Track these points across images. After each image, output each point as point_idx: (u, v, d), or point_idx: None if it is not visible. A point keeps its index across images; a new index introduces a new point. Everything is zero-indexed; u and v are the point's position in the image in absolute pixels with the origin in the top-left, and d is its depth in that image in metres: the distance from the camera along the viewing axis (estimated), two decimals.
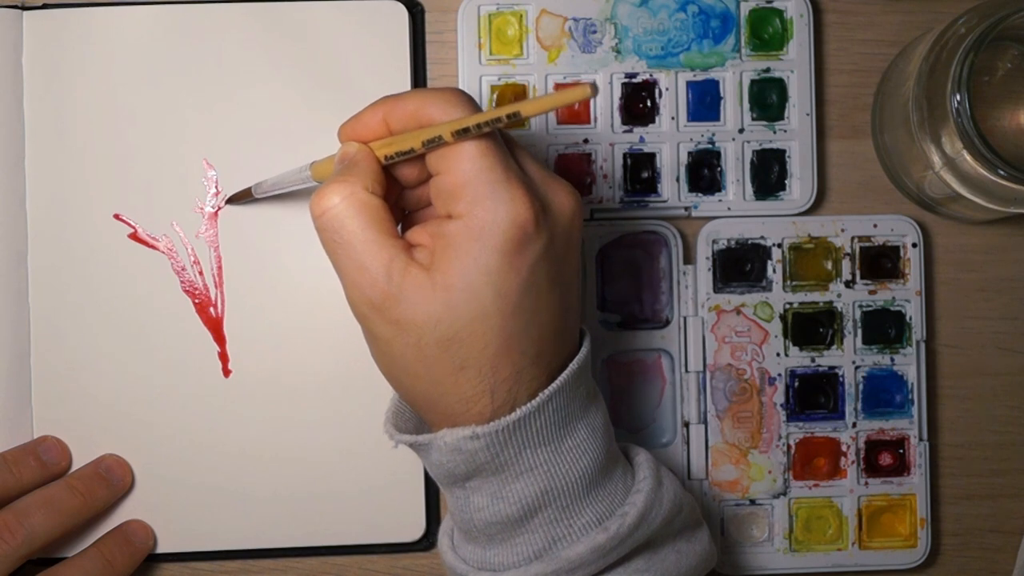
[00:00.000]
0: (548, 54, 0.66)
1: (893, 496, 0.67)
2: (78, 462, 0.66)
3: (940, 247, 0.69)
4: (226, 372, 0.66)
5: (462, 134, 0.49)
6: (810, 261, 0.67)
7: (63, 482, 0.64)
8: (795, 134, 0.67)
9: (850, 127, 0.68)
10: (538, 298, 0.51)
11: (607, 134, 0.66)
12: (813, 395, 0.67)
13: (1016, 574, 0.69)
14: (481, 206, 0.50)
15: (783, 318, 0.67)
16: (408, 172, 0.54)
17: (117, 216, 0.66)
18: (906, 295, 0.67)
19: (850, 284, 0.67)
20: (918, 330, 0.67)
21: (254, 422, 0.66)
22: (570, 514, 0.54)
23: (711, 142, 0.67)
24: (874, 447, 0.67)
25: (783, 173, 0.67)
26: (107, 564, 0.64)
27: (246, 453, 0.66)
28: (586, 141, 0.67)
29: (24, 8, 0.65)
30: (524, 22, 0.66)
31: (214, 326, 0.66)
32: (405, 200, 0.55)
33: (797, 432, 0.67)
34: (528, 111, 0.48)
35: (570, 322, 0.54)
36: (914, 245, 0.67)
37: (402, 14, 0.66)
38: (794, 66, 0.67)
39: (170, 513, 0.66)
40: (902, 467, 0.67)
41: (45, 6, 0.65)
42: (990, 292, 0.69)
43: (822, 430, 0.67)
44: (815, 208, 0.67)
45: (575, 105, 0.66)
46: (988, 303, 0.69)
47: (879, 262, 0.67)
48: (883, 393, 0.67)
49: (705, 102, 0.67)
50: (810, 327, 0.67)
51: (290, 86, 0.66)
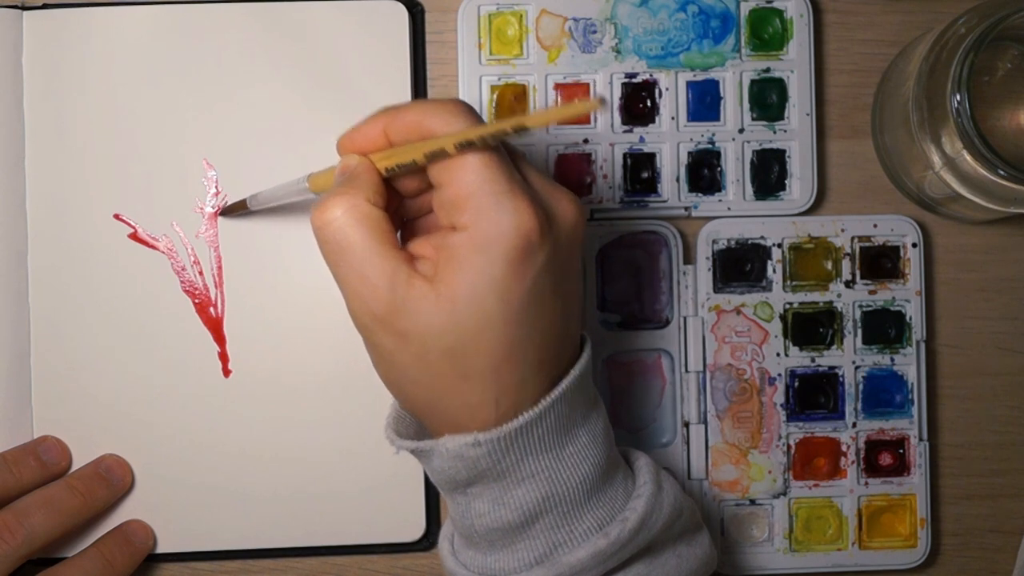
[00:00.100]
0: (548, 54, 0.66)
1: (893, 496, 0.67)
2: (78, 462, 0.66)
3: (940, 247, 0.69)
4: (226, 372, 0.66)
5: (465, 147, 0.49)
6: (810, 261, 0.67)
7: (63, 482, 0.64)
8: (795, 134, 0.67)
9: (850, 127, 0.68)
10: (542, 307, 0.51)
11: (607, 134, 0.66)
12: (813, 395, 0.67)
13: (1016, 574, 0.69)
14: (486, 217, 0.50)
15: (783, 318, 0.67)
16: (408, 183, 0.54)
17: (117, 216, 0.66)
18: (906, 295, 0.67)
19: (850, 284, 0.67)
20: (918, 330, 0.67)
21: (254, 422, 0.66)
22: (571, 520, 0.54)
23: (711, 142, 0.67)
24: (874, 447, 0.67)
25: (783, 173, 0.67)
26: (107, 564, 0.64)
27: (246, 453, 0.66)
28: (586, 141, 0.67)
29: (24, 8, 0.65)
30: (524, 22, 0.66)
31: (214, 326, 0.66)
32: (404, 209, 0.55)
33: (797, 432, 0.67)
34: (533, 124, 0.48)
35: (572, 329, 0.54)
36: (914, 245, 0.67)
37: (402, 14, 0.66)
38: (794, 66, 0.67)
39: (170, 513, 0.66)
40: (902, 467, 0.67)
41: (45, 6, 0.65)
42: (990, 292, 0.69)
43: (822, 430, 0.67)
44: (815, 208, 0.67)
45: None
46: (988, 303, 0.69)
47: (879, 262, 0.67)
48: (883, 393, 0.67)
49: (705, 102, 0.67)
50: (810, 327, 0.67)
51: (290, 86, 0.66)
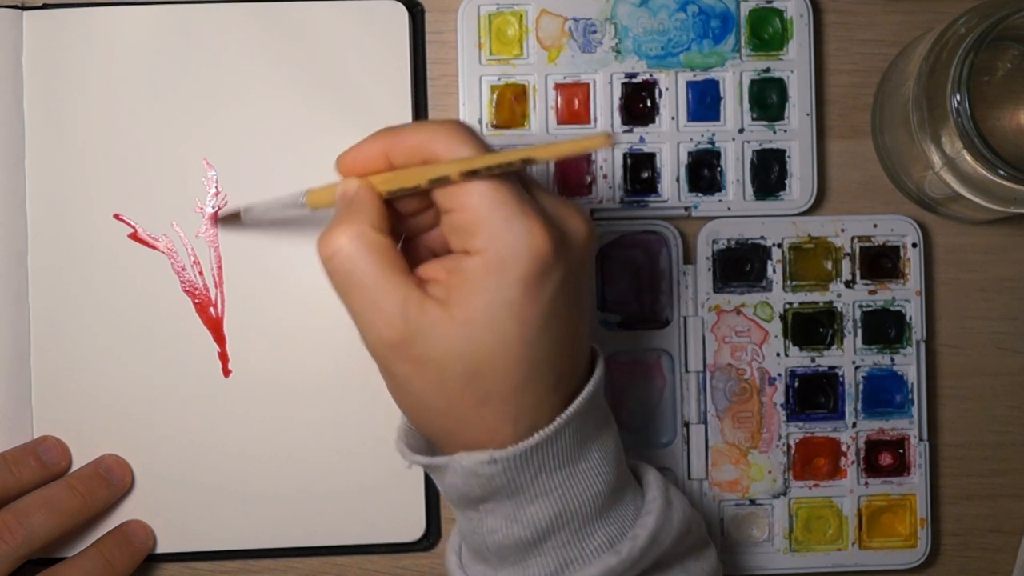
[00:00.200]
0: (548, 54, 0.66)
1: (893, 496, 0.67)
2: (78, 462, 0.66)
3: (940, 247, 0.69)
4: (226, 372, 0.66)
5: (470, 175, 0.49)
6: (810, 261, 0.67)
7: (63, 482, 0.64)
8: (795, 134, 0.67)
9: (850, 127, 0.68)
10: (558, 326, 0.51)
11: None
12: (813, 395, 0.67)
13: (1016, 574, 0.69)
14: (499, 241, 0.49)
15: (783, 318, 0.67)
16: (409, 203, 0.53)
17: (117, 216, 0.66)
18: (906, 295, 0.67)
19: (850, 284, 0.67)
20: (918, 330, 0.67)
21: (254, 422, 0.66)
22: (582, 537, 0.54)
23: (711, 142, 0.67)
24: (874, 447, 0.67)
25: (783, 173, 0.67)
26: (107, 564, 0.64)
27: (246, 453, 0.66)
28: None
29: (24, 8, 0.65)
30: (524, 22, 0.66)
31: (214, 326, 0.66)
32: (405, 226, 0.55)
33: (797, 432, 0.67)
34: (541, 157, 0.48)
35: (584, 345, 0.54)
36: (914, 245, 0.67)
37: (402, 14, 0.66)
38: (794, 66, 0.67)
39: (170, 513, 0.66)
40: (902, 467, 0.67)
41: (45, 6, 0.65)
42: (990, 292, 0.69)
43: (822, 430, 0.67)
44: (815, 208, 0.67)
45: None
46: (988, 303, 0.69)
47: (879, 262, 0.67)
48: (883, 393, 0.67)
49: (705, 102, 0.67)
50: (810, 327, 0.67)
51: (290, 86, 0.66)
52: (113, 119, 0.65)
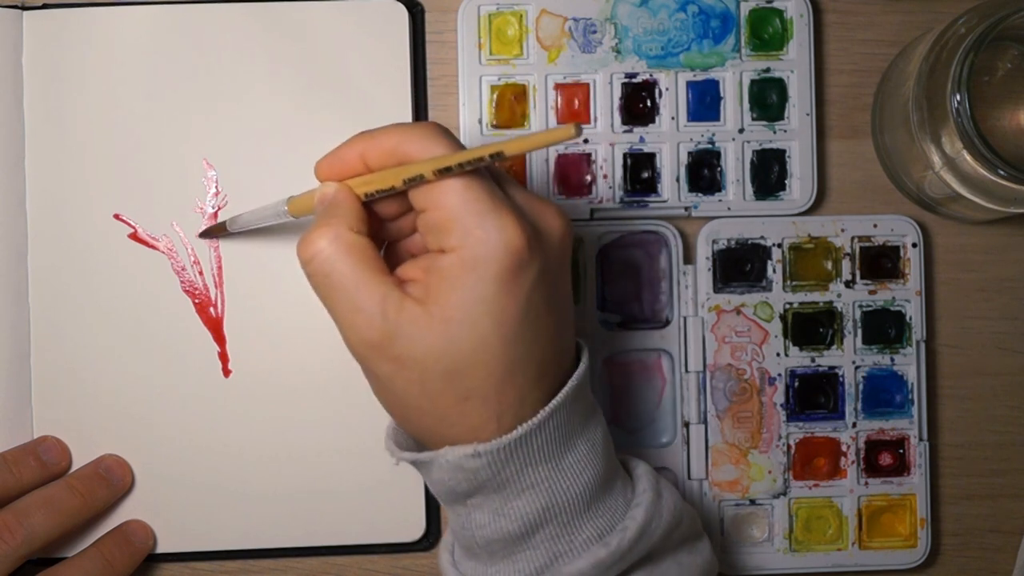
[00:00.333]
0: (548, 54, 0.66)
1: (893, 496, 0.67)
2: (78, 462, 0.66)
3: (940, 247, 0.69)
4: (226, 372, 0.66)
5: (444, 172, 0.49)
6: (810, 261, 0.67)
7: (63, 482, 0.64)
8: (795, 134, 0.67)
9: (850, 127, 0.68)
10: (537, 321, 0.51)
11: (607, 134, 0.66)
12: (813, 395, 0.67)
13: (1016, 574, 0.69)
14: (473, 237, 0.50)
15: (783, 318, 0.67)
16: (388, 206, 0.54)
17: (117, 216, 0.66)
18: (906, 295, 0.67)
19: (850, 284, 0.67)
20: (918, 330, 0.67)
21: (254, 422, 0.66)
22: (571, 530, 0.54)
23: (711, 142, 0.67)
24: (874, 447, 0.67)
25: (783, 173, 0.67)
26: (107, 564, 0.64)
27: (246, 453, 0.66)
28: (586, 141, 0.67)
29: (24, 8, 0.65)
30: (524, 22, 0.66)
31: (214, 326, 0.66)
32: (385, 231, 0.55)
33: (797, 432, 0.67)
34: (511, 150, 0.48)
35: (567, 340, 0.54)
36: (914, 245, 0.67)
37: (402, 14, 0.66)
38: (794, 66, 0.67)
39: (170, 513, 0.66)
40: (902, 467, 0.67)
41: (45, 6, 0.65)
42: (990, 292, 0.69)
43: (822, 430, 0.67)
44: (815, 208, 0.67)
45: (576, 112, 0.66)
46: (988, 303, 0.69)
47: (879, 262, 0.67)
48: (883, 393, 0.67)
49: (705, 102, 0.67)
50: (810, 327, 0.67)
51: (290, 86, 0.66)
52: (113, 119, 0.65)
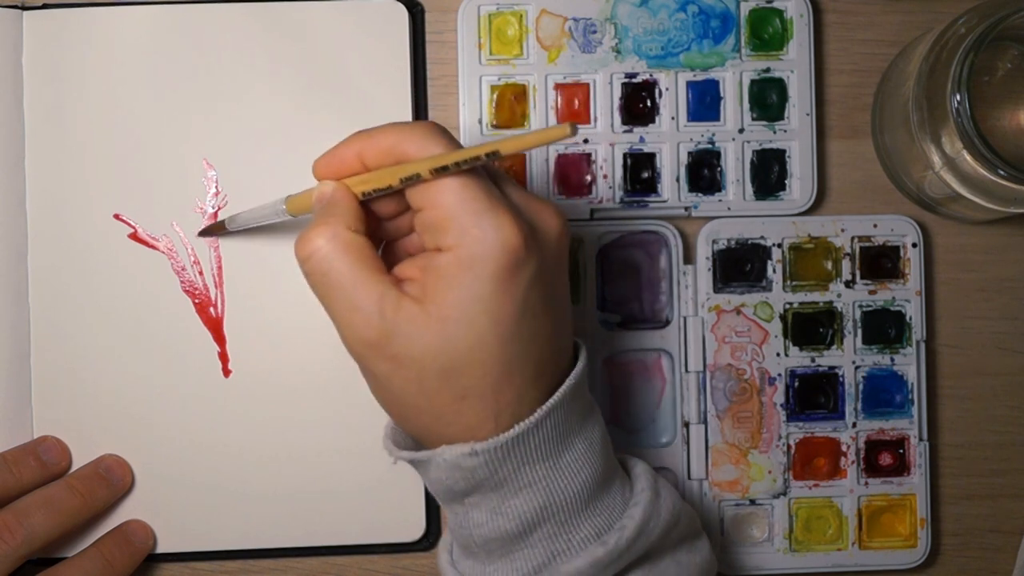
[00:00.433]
0: (548, 54, 0.66)
1: (893, 496, 0.67)
2: (78, 462, 0.66)
3: (940, 247, 0.69)
4: (226, 372, 0.66)
5: (441, 171, 0.50)
6: (810, 261, 0.67)
7: (63, 482, 0.64)
8: (795, 134, 0.67)
9: (850, 127, 0.68)
10: (534, 320, 0.51)
11: (607, 134, 0.66)
12: (813, 395, 0.67)
13: (1016, 574, 0.69)
14: (469, 236, 0.50)
15: (783, 318, 0.67)
16: (386, 205, 0.54)
17: (117, 216, 0.66)
18: (906, 295, 0.67)
19: (850, 284, 0.67)
20: (918, 330, 0.67)
21: (254, 422, 0.66)
22: (569, 529, 0.54)
23: (711, 142, 0.67)
24: (874, 447, 0.67)
25: (783, 173, 0.67)
26: (107, 564, 0.64)
27: (246, 453, 0.66)
28: (586, 141, 0.67)
29: (24, 8, 0.65)
30: (524, 22, 0.66)
31: (214, 326, 0.66)
32: (383, 230, 0.55)
33: (797, 432, 0.67)
34: (507, 149, 0.48)
35: (564, 339, 0.54)
36: (914, 245, 0.67)
37: (402, 14, 0.66)
38: (794, 66, 0.67)
39: (170, 513, 0.66)
40: (902, 467, 0.67)
41: (45, 6, 0.65)
42: (990, 292, 0.69)
43: (822, 430, 0.67)
44: (815, 208, 0.67)
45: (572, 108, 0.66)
46: (988, 303, 0.69)
47: (879, 262, 0.67)
48: (883, 393, 0.67)
49: (705, 102, 0.67)
50: (810, 327, 0.67)
51: (290, 86, 0.66)
52: (113, 119, 0.65)
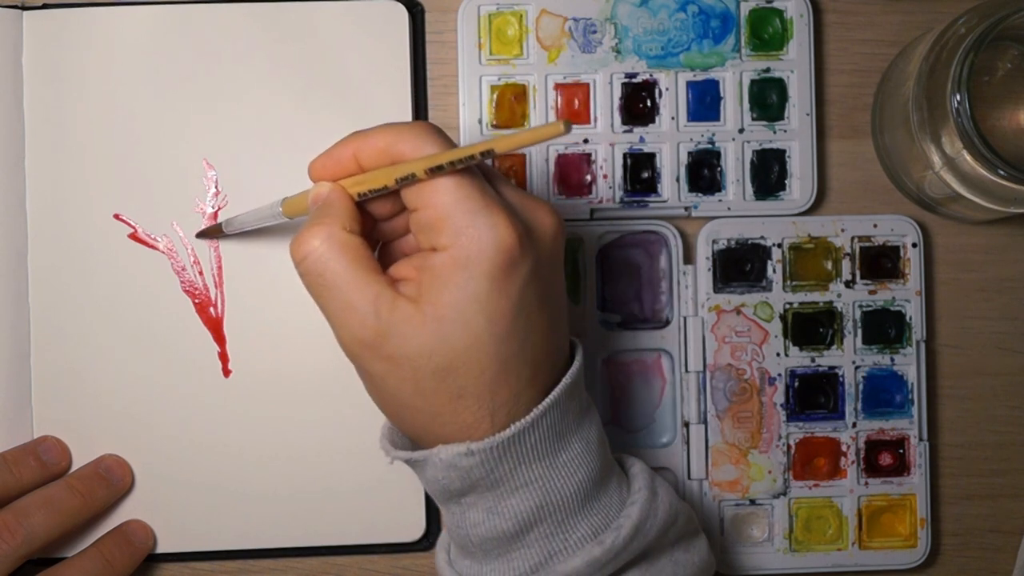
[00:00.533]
0: (548, 54, 0.66)
1: (893, 496, 0.67)
2: (78, 462, 0.66)
3: (940, 247, 0.69)
4: (226, 372, 0.66)
5: (436, 171, 0.50)
6: (810, 261, 0.67)
7: (63, 482, 0.64)
8: (795, 134, 0.67)
9: (850, 127, 0.68)
10: (529, 319, 0.51)
11: (607, 134, 0.66)
12: (813, 395, 0.67)
13: (1016, 574, 0.69)
14: (464, 236, 0.50)
15: (783, 318, 0.67)
16: (381, 206, 0.54)
17: (117, 216, 0.66)
18: (906, 295, 0.67)
19: (850, 284, 0.67)
20: (918, 330, 0.67)
21: (254, 422, 0.66)
22: (566, 528, 0.54)
23: (711, 142, 0.67)
24: (874, 447, 0.67)
25: (783, 173, 0.67)
26: (107, 564, 0.64)
27: (246, 453, 0.66)
28: (586, 141, 0.67)
29: (24, 8, 0.65)
30: (524, 22, 0.66)
31: (214, 326, 0.66)
32: (379, 231, 0.55)
33: (797, 432, 0.67)
34: (501, 148, 0.48)
35: (560, 338, 0.54)
36: (914, 245, 0.67)
37: (402, 14, 0.66)
38: (794, 66, 0.67)
39: (170, 513, 0.66)
40: (902, 467, 0.67)
41: (45, 6, 0.65)
42: (990, 292, 0.69)
43: (822, 430, 0.67)
44: (815, 208, 0.67)
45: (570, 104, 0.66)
46: (988, 303, 0.69)
47: (879, 262, 0.67)
48: (883, 393, 0.67)
49: (705, 102, 0.67)
50: (810, 327, 0.67)
51: (290, 86, 0.66)
52: (113, 119, 0.65)
